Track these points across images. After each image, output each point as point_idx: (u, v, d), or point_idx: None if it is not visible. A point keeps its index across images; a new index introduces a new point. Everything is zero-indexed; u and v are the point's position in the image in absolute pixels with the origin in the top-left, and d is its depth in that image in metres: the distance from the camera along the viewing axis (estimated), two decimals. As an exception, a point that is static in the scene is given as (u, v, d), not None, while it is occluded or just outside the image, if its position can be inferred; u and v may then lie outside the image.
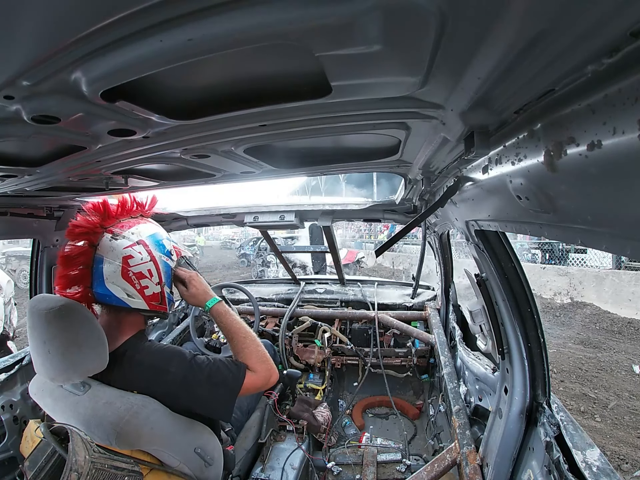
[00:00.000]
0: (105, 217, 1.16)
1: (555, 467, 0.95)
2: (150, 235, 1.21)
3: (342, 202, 2.08)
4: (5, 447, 1.47)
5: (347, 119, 0.66)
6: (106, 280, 1.11)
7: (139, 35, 0.36)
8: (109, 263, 1.11)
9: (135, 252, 1.14)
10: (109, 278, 1.11)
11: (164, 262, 1.21)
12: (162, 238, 1.25)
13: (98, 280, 1.12)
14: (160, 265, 1.20)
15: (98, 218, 1.15)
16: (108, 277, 1.11)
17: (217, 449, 1.28)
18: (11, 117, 0.54)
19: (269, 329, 2.65)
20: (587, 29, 0.32)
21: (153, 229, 1.25)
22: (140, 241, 1.17)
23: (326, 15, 0.33)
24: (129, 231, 1.17)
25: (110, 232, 1.14)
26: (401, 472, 1.89)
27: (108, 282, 1.11)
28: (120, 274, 1.12)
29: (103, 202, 1.18)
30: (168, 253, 1.24)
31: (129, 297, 1.14)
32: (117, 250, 1.12)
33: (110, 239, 1.13)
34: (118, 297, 1.13)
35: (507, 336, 1.19)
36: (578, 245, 0.58)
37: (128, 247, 1.14)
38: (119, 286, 1.12)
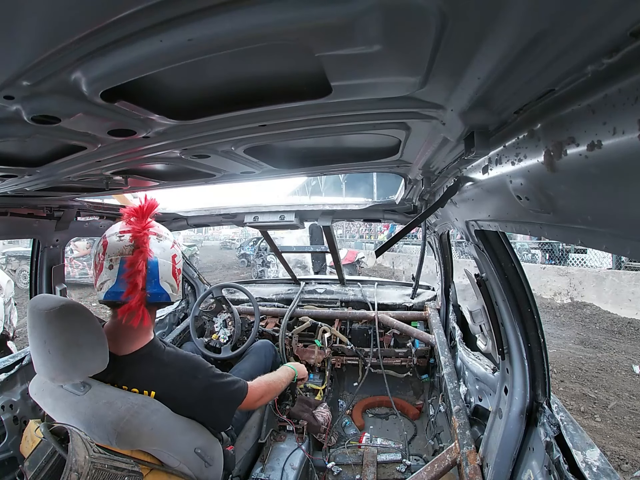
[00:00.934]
0: (143, 219, 1.19)
1: (555, 467, 0.95)
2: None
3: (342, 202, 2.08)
4: (5, 447, 1.47)
5: (347, 119, 0.66)
6: (161, 280, 1.17)
7: (139, 36, 0.36)
8: (163, 263, 1.18)
9: (176, 250, 1.24)
10: (163, 277, 1.18)
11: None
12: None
13: (153, 281, 1.16)
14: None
15: (139, 221, 1.17)
16: (163, 276, 1.18)
17: (217, 449, 1.28)
18: (11, 117, 0.54)
19: (269, 329, 2.65)
20: (587, 29, 0.32)
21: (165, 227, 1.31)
22: (174, 241, 1.26)
23: (326, 15, 0.33)
24: (164, 231, 1.25)
25: (154, 234, 1.19)
26: (401, 472, 1.89)
27: (162, 280, 1.18)
28: (171, 272, 1.21)
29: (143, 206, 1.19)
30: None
31: (173, 292, 1.22)
32: (167, 250, 1.20)
33: (157, 239, 1.19)
34: (168, 294, 1.20)
35: (507, 336, 1.19)
36: (578, 245, 0.58)
37: (173, 247, 1.23)
38: (168, 283, 1.20)
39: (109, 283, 1.11)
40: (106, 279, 1.12)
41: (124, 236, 1.14)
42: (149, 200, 1.22)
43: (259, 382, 1.45)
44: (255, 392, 1.38)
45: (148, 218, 1.20)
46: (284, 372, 1.68)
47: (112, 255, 1.12)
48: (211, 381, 1.23)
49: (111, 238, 1.15)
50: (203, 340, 2.43)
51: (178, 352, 1.27)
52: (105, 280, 1.12)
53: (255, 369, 1.99)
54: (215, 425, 1.30)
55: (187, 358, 1.26)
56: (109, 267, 1.12)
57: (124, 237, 1.14)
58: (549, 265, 9.45)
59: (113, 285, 1.11)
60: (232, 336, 2.40)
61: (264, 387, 1.45)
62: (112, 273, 1.11)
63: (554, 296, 8.34)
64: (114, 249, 1.13)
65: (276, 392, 1.57)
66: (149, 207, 1.20)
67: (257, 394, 1.40)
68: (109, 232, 1.18)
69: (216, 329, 2.50)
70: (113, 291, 1.11)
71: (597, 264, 8.60)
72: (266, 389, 1.46)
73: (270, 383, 1.52)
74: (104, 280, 1.12)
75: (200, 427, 1.22)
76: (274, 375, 1.62)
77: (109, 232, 1.18)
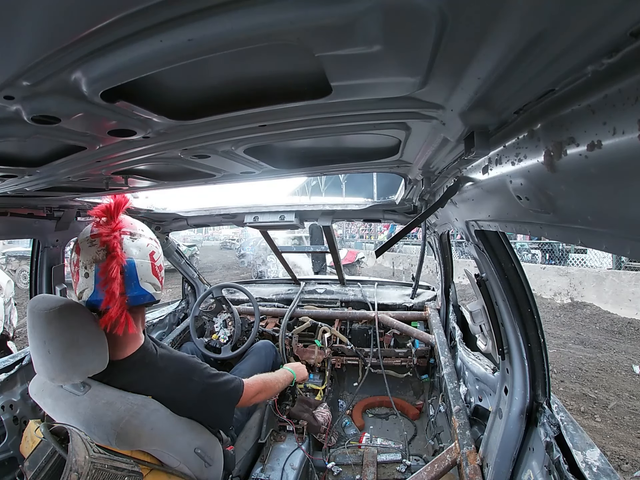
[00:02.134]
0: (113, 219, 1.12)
1: (555, 468, 0.95)
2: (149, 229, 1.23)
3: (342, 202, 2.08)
4: (5, 447, 1.47)
5: (347, 119, 0.66)
6: (141, 281, 1.12)
7: (139, 36, 0.36)
8: (141, 263, 1.12)
9: (153, 246, 1.18)
10: (143, 277, 1.12)
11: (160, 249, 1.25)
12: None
13: (132, 283, 1.10)
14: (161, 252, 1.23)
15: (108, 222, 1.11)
16: (142, 277, 1.12)
17: (217, 449, 1.28)
18: (11, 117, 0.54)
19: (269, 329, 2.65)
20: (587, 29, 0.32)
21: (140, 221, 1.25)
22: (150, 236, 1.20)
23: (326, 15, 0.33)
24: (139, 227, 1.18)
25: (127, 233, 1.13)
26: (401, 472, 1.89)
27: (142, 281, 1.12)
28: (151, 271, 1.15)
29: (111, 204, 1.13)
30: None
31: (156, 290, 1.17)
32: (143, 249, 1.14)
33: (131, 239, 1.12)
34: (151, 294, 1.15)
35: (507, 336, 1.19)
36: (578, 245, 0.58)
37: (149, 244, 1.16)
38: (150, 283, 1.14)
39: (88, 292, 1.07)
40: (84, 288, 1.07)
41: (95, 241, 1.07)
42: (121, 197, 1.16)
43: (254, 380, 1.45)
44: (250, 389, 1.38)
45: (118, 217, 1.13)
46: (282, 374, 1.67)
47: (86, 262, 1.06)
48: (207, 382, 1.22)
49: (83, 244, 1.08)
50: (203, 340, 2.43)
51: (172, 355, 1.25)
52: (83, 289, 1.07)
53: (255, 369, 1.99)
54: (216, 424, 1.30)
55: (182, 360, 1.24)
56: (84, 276, 1.07)
57: (95, 241, 1.07)
58: (549, 265, 9.45)
59: (92, 293, 1.06)
60: (232, 336, 2.40)
61: (260, 384, 1.45)
62: (88, 281, 1.06)
63: (554, 296, 8.34)
64: (87, 255, 1.07)
65: (272, 391, 1.56)
66: (116, 206, 1.12)
67: (253, 391, 1.39)
68: (81, 237, 1.11)
69: (216, 329, 2.50)
70: (93, 299, 1.06)
71: (597, 264, 8.60)
72: (262, 386, 1.45)
73: (267, 381, 1.52)
74: (83, 289, 1.08)
75: (200, 427, 1.22)
76: (271, 375, 1.61)
77: (81, 237, 1.11)
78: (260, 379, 1.49)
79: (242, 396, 1.32)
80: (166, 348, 1.30)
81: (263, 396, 1.49)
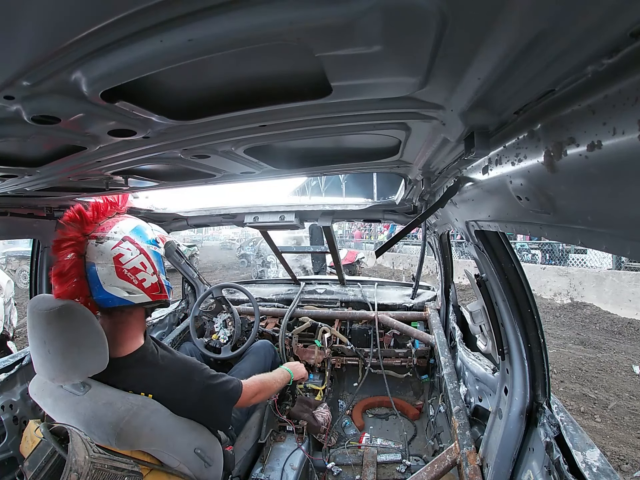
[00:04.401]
0: (84, 224, 1.15)
1: (555, 468, 0.95)
2: (133, 230, 1.21)
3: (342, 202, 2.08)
4: (5, 447, 1.47)
5: (347, 119, 0.66)
6: (104, 285, 1.11)
7: (139, 36, 0.36)
8: (102, 267, 1.11)
9: (123, 249, 1.15)
10: (106, 282, 1.12)
11: (153, 251, 1.23)
12: (144, 229, 1.25)
13: (96, 287, 1.11)
14: (150, 255, 1.21)
15: (77, 227, 1.14)
16: (105, 281, 1.11)
17: (217, 450, 1.28)
18: (11, 117, 0.54)
19: (269, 329, 2.65)
20: (587, 30, 0.32)
21: (133, 222, 1.24)
22: (125, 237, 1.17)
23: (326, 15, 0.33)
24: (111, 231, 1.17)
25: (94, 237, 1.14)
26: (401, 472, 1.89)
27: (106, 285, 1.12)
28: (116, 275, 1.13)
29: (77, 208, 1.16)
30: (154, 242, 1.25)
31: (130, 294, 1.15)
32: (106, 253, 1.12)
33: (96, 243, 1.13)
34: (120, 297, 1.13)
35: (507, 337, 1.19)
36: (578, 245, 0.58)
37: (116, 247, 1.14)
38: (117, 287, 1.13)
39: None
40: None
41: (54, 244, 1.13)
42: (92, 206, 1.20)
43: (253, 380, 1.46)
44: (249, 390, 1.39)
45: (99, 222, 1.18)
46: (280, 374, 1.68)
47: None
48: (207, 383, 1.23)
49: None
50: (203, 340, 2.43)
51: (173, 355, 1.26)
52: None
53: (254, 370, 1.99)
54: (215, 424, 1.31)
55: (182, 361, 1.26)
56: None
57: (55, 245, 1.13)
58: (549, 265, 9.45)
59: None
60: (232, 336, 2.40)
61: (258, 385, 1.46)
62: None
63: (554, 296, 8.34)
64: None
65: (271, 391, 1.57)
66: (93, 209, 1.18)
67: (251, 392, 1.40)
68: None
69: (216, 329, 2.50)
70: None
71: (597, 265, 8.60)
72: (260, 387, 1.47)
73: (265, 382, 1.53)
74: None
75: (200, 428, 1.22)
76: (269, 375, 1.62)
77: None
78: (258, 379, 1.50)
79: (241, 396, 1.33)
80: (167, 349, 1.31)
81: (261, 397, 1.50)
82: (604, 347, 5.45)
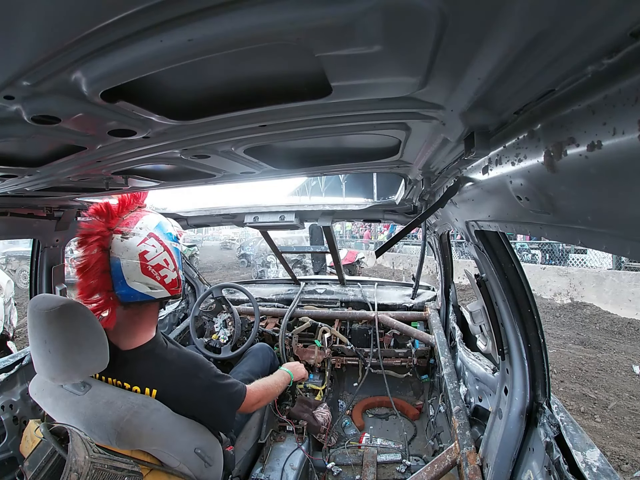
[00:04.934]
0: (109, 218, 1.16)
1: (555, 468, 0.95)
2: (157, 226, 1.23)
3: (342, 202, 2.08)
4: (5, 447, 1.47)
5: (347, 119, 0.66)
6: (127, 280, 1.13)
7: (139, 36, 0.36)
8: (127, 263, 1.13)
9: (149, 246, 1.17)
10: (130, 277, 1.13)
11: (174, 248, 1.25)
12: (166, 224, 1.27)
13: (119, 282, 1.12)
14: (172, 252, 1.23)
15: (103, 221, 1.15)
16: (129, 277, 1.13)
17: (217, 450, 1.28)
18: (11, 117, 0.54)
19: (269, 329, 2.65)
20: (587, 30, 0.32)
21: (156, 218, 1.26)
22: (150, 234, 1.19)
23: (326, 15, 0.33)
24: (136, 227, 1.18)
25: (119, 232, 1.15)
26: (401, 472, 1.89)
27: (130, 281, 1.13)
28: (140, 271, 1.14)
29: (105, 203, 1.18)
30: (176, 238, 1.27)
31: (152, 289, 1.17)
32: (131, 249, 1.14)
33: (121, 239, 1.14)
34: (142, 293, 1.15)
35: (507, 337, 1.19)
36: (578, 245, 0.58)
37: (141, 243, 1.16)
38: (140, 282, 1.15)
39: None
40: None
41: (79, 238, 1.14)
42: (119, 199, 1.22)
43: (256, 387, 1.46)
44: (252, 396, 1.39)
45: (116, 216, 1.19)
46: (281, 377, 1.69)
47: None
48: (212, 381, 1.23)
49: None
50: (203, 340, 2.43)
51: (181, 350, 1.27)
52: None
53: (253, 372, 1.99)
54: (217, 425, 1.31)
55: (190, 356, 1.26)
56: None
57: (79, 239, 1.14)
58: (549, 265, 9.45)
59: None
60: (232, 336, 2.40)
61: (262, 392, 1.46)
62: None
63: (554, 296, 8.34)
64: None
65: (273, 396, 1.59)
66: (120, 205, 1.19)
67: (255, 398, 1.41)
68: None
69: (216, 329, 2.50)
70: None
71: (597, 265, 8.60)
72: (263, 394, 1.47)
73: (268, 388, 1.53)
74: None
75: (200, 428, 1.22)
76: (271, 380, 1.62)
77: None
78: (262, 386, 1.50)
79: (244, 402, 1.33)
80: (175, 344, 1.32)
81: (264, 403, 1.51)
82: (604, 347, 5.45)
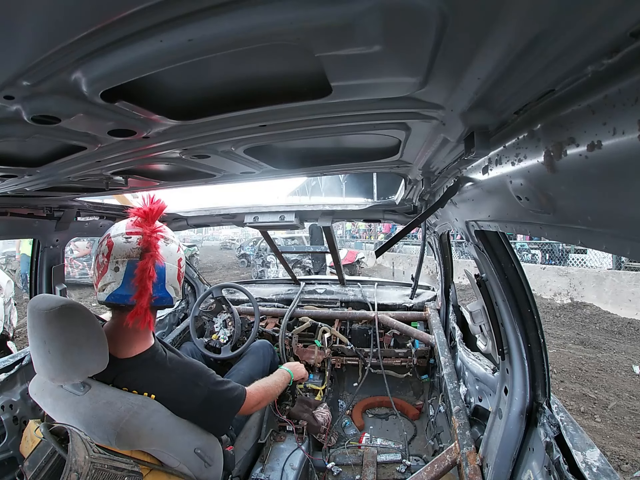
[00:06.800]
0: (152, 221, 1.16)
1: (555, 468, 0.95)
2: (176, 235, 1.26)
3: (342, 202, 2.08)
4: (5, 447, 1.47)
5: (347, 119, 0.66)
6: (167, 284, 1.15)
7: (139, 36, 0.36)
8: (170, 267, 1.16)
9: (181, 253, 1.22)
10: (169, 281, 1.16)
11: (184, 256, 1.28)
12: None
13: (159, 285, 1.13)
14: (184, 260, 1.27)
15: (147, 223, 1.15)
16: (168, 281, 1.16)
17: (217, 450, 1.28)
18: (11, 117, 0.54)
19: (269, 329, 2.65)
20: (586, 30, 0.32)
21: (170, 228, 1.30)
22: (179, 244, 1.23)
23: (326, 15, 0.33)
24: (170, 234, 1.22)
25: (163, 237, 1.17)
26: (401, 472, 1.89)
27: (167, 285, 1.16)
28: (177, 276, 1.19)
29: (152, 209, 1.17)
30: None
31: (176, 295, 1.21)
32: (174, 254, 1.18)
33: (165, 243, 1.16)
34: (171, 297, 1.19)
35: (507, 336, 1.19)
36: (578, 245, 0.58)
37: (179, 250, 1.21)
38: (173, 287, 1.18)
39: (114, 285, 1.09)
40: (110, 281, 1.09)
41: (131, 238, 1.11)
42: (158, 202, 1.19)
43: (256, 388, 1.46)
44: (252, 398, 1.39)
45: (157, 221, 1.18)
46: (280, 376, 1.68)
47: (118, 257, 1.09)
48: (212, 389, 1.23)
49: (117, 239, 1.11)
50: (203, 340, 2.43)
51: (180, 358, 1.27)
52: (109, 282, 1.09)
53: (254, 370, 1.99)
54: (213, 430, 1.30)
55: (189, 364, 1.25)
56: (114, 269, 1.08)
57: (131, 238, 1.11)
58: (549, 265, 9.45)
59: (118, 287, 1.08)
60: (232, 336, 2.40)
61: (262, 393, 1.46)
62: (117, 275, 1.08)
63: (554, 296, 8.34)
64: (120, 250, 1.09)
65: (273, 397, 1.58)
66: (158, 210, 1.18)
67: (255, 400, 1.40)
68: (113, 232, 1.14)
69: (216, 329, 2.50)
70: (118, 294, 1.08)
71: (597, 264, 8.60)
72: (264, 395, 1.47)
73: (268, 389, 1.53)
74: (108, 282, 1.09)
75: (200, 428, 1.22)
76: (271, 380, 1.62)
77: (113, 232, 1.14)
78: (262, 387, 1.50)
79: (244, 404, 1.33)
80: (175, 351, 1.32)
81: (264, 404, 1.51)
82: (604, 347, 5.45)
